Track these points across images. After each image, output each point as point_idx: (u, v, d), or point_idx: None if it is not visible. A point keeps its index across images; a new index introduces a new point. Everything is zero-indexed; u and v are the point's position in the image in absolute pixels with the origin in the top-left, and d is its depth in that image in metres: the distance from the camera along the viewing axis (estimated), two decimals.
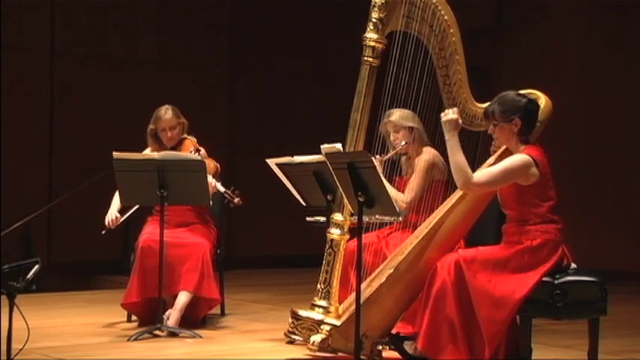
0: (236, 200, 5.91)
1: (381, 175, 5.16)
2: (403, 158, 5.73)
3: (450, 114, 4.74)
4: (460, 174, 4.67)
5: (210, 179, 5.89)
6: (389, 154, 5.52)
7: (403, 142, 5.58)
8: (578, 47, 9.05)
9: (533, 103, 4.82)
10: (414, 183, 5.51)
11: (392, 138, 5.60)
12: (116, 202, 6.07)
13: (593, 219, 8.76)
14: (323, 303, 5.16)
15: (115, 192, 5.96)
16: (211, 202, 5.89)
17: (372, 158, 5.23)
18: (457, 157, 4.67)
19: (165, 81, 8.92)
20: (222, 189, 5.93)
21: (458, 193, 4.97)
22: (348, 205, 4.88)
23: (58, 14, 8.68)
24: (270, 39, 9.50)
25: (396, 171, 5.56)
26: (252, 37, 9.51)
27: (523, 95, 4.83)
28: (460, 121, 4.75)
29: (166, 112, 6.13)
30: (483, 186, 4.71)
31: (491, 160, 4.97)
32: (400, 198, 5.49)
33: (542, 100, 5.10)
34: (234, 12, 9.47)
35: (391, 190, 5.27)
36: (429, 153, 5.55)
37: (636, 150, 8.69)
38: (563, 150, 8.49)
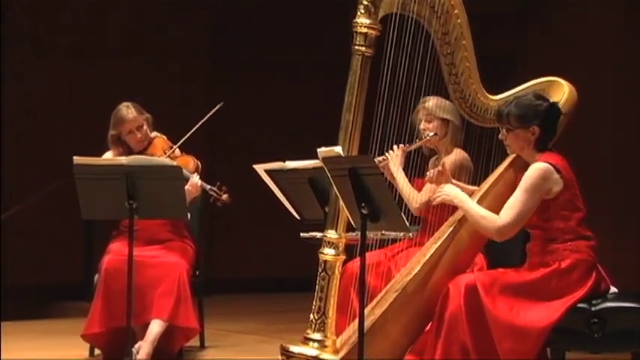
0: (224, 197, 5.90)
1: (400, 167, 5.12)
2: (432, 160, 5.66)
3: (443, 192, 4.84)
4: (486, 222, 4.68)
5: (195, 178, 5.84)
6: (414, 145, 5.44)
7: (431, 133, 5.50)
8: (615, 35, 9.00)
9: (555, 109, 4.78)
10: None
11: (421, 127, 5.54)
12: None
13: (630, 233, 8.70)
14: (317, 336, 5.01)
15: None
16: (189, 216, 5.82)
17: (395, 147, 5.19)
18: (468, 205, 4.73)
19: (163, 79, 8.96)
20: (206, 186, 5.89)
21: None
22: (345, 218, 4.80)
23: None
24: (267, 37, 9.76)
25: (417, 171, 5.44)
26: (252, 37, 9.76)
27: (544, 98, 4.80)
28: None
29: (128, 111, 6.05)
30: (517, 224, 4.65)
31: (501, 169, 4.93)
32: (415, 197, 5.40)
33: (565, 88, 5.08)
34: (233, 11, 9.58)
35: (406, 187, 5.22)
36: (457, 154, 5.46)
37: None
38: (594, 152, 8.45)
